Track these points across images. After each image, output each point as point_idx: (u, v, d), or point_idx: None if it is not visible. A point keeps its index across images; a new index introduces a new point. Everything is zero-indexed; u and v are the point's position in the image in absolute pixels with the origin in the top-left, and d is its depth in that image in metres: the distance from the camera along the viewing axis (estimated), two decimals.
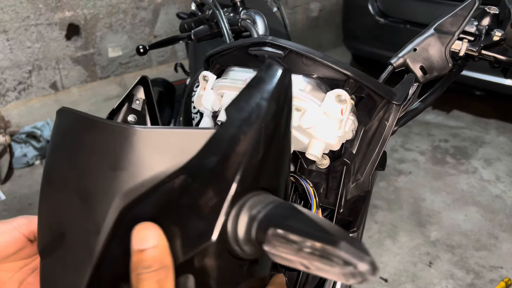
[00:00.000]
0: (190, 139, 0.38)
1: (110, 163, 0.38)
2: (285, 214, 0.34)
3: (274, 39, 0.55)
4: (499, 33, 0.66)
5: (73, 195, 0.40)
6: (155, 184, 0.38)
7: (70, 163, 0.41)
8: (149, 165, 0.38)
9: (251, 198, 0.37)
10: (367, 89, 0.56)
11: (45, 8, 2.62)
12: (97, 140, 0.40)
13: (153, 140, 0.38)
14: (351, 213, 0.61)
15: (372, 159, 0.60)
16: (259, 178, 0.38)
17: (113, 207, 0.38)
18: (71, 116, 0.43)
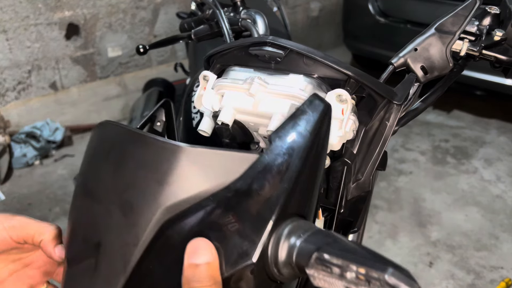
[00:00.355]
0: (235, 161, 0.40)
1: (157, 177, 0.40)
2: (327, 241, 0.36)
3: (275, 39, 0.55)
4: (500, 33, 0.65)
5: (114, 206, 0.41)
6: (199, 202, 0.39)
7: (114, 175, 0.42)
8: (194, 182, 0.40)
9: (291, 223, 0.39)
10: (368, 89, 0.56)
11: (45, 8, 2.62)
12: (146, 155, 0.41)
13: (200, 159, 0.40)
14: (352, 213, 0.61)
15: (372, 159, 0.60)
16: (297, 205, 0.41)
17: (155, 221, 0.39)
18: (116, 130, 0.44)
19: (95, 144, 0.46)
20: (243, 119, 0.56)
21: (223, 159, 0.40)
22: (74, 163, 2.61)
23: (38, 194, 2.35)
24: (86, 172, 0.46)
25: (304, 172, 0.41)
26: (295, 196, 0.40)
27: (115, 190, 0.42)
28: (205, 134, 0.60)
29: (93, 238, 0.42)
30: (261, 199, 0.39)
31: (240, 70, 0.58)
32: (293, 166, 0.40)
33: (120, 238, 0.40)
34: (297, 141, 0.41)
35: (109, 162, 0.44)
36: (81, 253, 0.43)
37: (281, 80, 0.54)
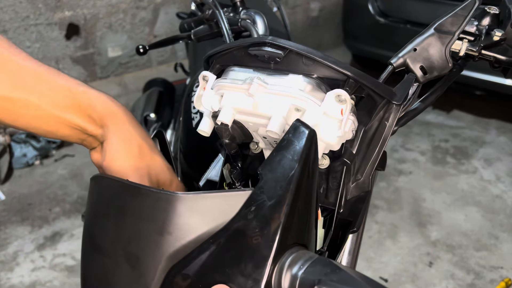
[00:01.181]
0: (229, 201, 0.42)
1: (157, 228, 0.42)
2: (326, 271, 0.37)
3: (274, 39, 0.55)
4: (499, 33, 0.65)
5: (121, 259, 0.43)
6: (200, 245, 0.41)
7: (116, 229, 0.44)
8: (193, 228, 0.41)
9: (290, 255, 0.40)
10: (367, 89, 0.56)
11: (45, 8, 2.62)
12: (143, 206, 0.43)
13: (195, 204, 0.42)
14: (351, 213, 0.61)
15: (372, 159, 0.60)
16: (295, 235, 0.42)
17: (161, 269, 0.41)
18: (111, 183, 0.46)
19: (95, 198, 0.48)
20: (243, 119, 0.56)
21: (217, 201, 0.42)
22: (74, 163, 2.62)
23: (38, 194, 2.35)
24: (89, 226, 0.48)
25: (298, 202, 0.42)
26: (292, 227, 0.41)
27: (119, 243, 0.43)
28: (205, 134, 0.60)
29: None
30: (258, 235, 0.40)
31: (239, 70, 0.58)
32: (285, 198, 0.40)
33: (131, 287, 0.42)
34: (286, 172, 0.42)
35: (110, 216, 0.45)
36: None
37: (280, 80, 0.54)
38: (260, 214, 0.40)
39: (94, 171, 1.93)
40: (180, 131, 1.20)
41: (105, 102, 0.55)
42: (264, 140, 0.58)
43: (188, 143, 1.11)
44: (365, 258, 1.94)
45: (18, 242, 2.04)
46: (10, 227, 2.12)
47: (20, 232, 2.10)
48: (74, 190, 2.38)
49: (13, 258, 1.96)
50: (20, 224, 2.14)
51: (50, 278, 1.86)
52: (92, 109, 0.54)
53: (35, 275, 1.88)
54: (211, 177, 0.70)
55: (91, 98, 0.54)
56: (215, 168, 0.71)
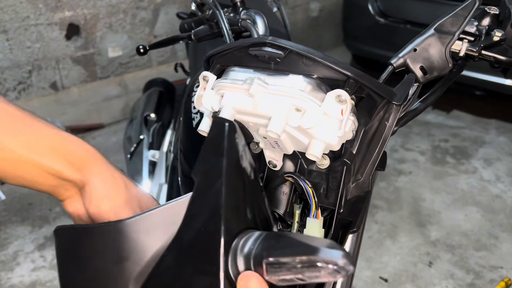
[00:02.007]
0: (173, 211, 0.43)
1: (113, 258, 0.43)
2: (272, 243, 0.39)
3: (274, 39, 0.55)
4: (499, 33, 0.65)
5: None
6: (158, 261, 0.42)
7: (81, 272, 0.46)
8: (146, 247, 0.43)
9: (240, 239, 0.41)
10: (367, 89, 0.56)
11: (45, 8, 2.62)
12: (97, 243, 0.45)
13: (142, 224, 0.43)
14: (351, 213, 0.61)
15: (372, 159, 0.60)
16: (241, 221, 0.43)
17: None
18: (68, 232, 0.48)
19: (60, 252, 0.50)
20: (243, 119, 0.56)
21: (161, 215, 0.44)
22: None
23: (39, 194, 2.35)
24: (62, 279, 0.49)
25: (233, 192, 0.43)
26: (236, 215, 0.42)
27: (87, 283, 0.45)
28: (205, 134, 0.60)
29: None
30: (204, 233, 0.41)
31: (239, 71, 0.58)
32: (220, 192, 0.42)
33: None
34: (213, 168, 0.43)
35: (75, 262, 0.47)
36: None
37: (280, 81, 0.54)
38: (202, 215, 0.42)
39: None
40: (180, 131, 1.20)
41: (83, 145, 0.53)
42: (264, 140, 0.58)
43: (188, 143, 1.11)
44: (365, 258, 1.94)
45: (19, 242, 2.04)
46: (10, 227, 2.12)
47: (20, 232, 2.10)
48: None
49: (13, 258, 1.96)
50: (21, 224, 2.15)
51: (50, 278, 1.86)
52: (70, 152, 0.52)
53: (36, 275, 1.88)
54: None
55: (68, 142, 0.52)
56: None
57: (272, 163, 0.61)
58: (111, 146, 2.82)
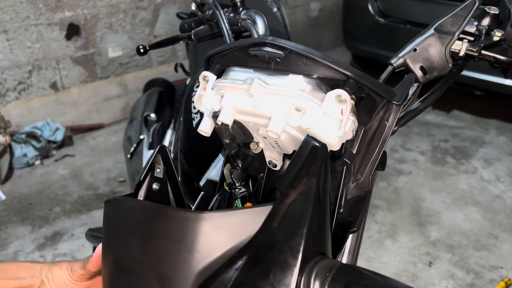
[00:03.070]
0: (252, 216, 0.44)
1: (186, 247, 0.44)
2: (352, 277, 0.40)
3: (274, 39, 0.55)
4: (499, 33, 0.65)
5: (152, 279, 0.44)
6: (227, 261, 0.43)
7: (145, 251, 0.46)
8: (219, 244, 0.43)
9: (315, 264, 0.42)
10: (367, 89, 0.56)
11: (45, 8, 2.62)
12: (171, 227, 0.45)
13: (221, 222, 0.44)
14: (351, 213, 0.61)
15: (372, 159, 0.60)
16: (316, 244, 0.44)
17: (191, 286, 0.43)
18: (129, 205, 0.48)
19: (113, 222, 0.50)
20: (243, 119, 0.56)
21: (241, 217, 0.44)
22: (74, 163, 2.62)
23: (39, 194, 2.35)
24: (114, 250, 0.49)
25: (316, 214, 0.44)
26: (313, 237, 0.43)
27: (149, 264, 0.45)
28: (205, 134, 0.60)
29: None
30: (283, 247, 0.42)
31: (240, 71, 0.58)
32: (307, 211, 0.43)
33: None
34: (303, 186, 0.45)
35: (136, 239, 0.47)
36: None
37: (280, 81, 0.54)
38: (283, 227, 0.42)
39: (94, 171, 1.93)
40: (180, 131, 1.20)
41: None
42: (264, 140, 0.58)
43: (188, 143, 1.11)
44: (365, 258, 1.94)
45: (19, 242, 2.04)
46: (10, 227, 2.12)
47: (20, 232, 2.10)
48: (74, 190, 2.38)
49: (13, 258, 1.96)
50: (21, 224, 2.15)
51: None
52: None
53: None
54: (212, 177, 0.70)
55: None
56: (216, 168, 0.71)
57: (272, 163, 0.61)
58: (111, 146, 2.82)
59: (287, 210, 0.43)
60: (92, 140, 2.88)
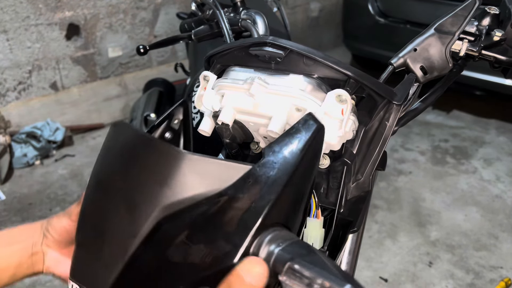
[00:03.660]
0: (229, 170, 0.44)
1: (158, 179, 0.44)
2: (301, 252, 0.40)
3: (275, 39, 0.55)
4: (500, 33, 0.65)
5: (120, 201, 0.46)
6: (193, 203, 0.44)
7: (123, 175, 0.47)
8: (190, 186, 0.44)
9: (272, 232, 0.43)
10: (367, 89, 0.56)
11: (45, 8, 2.62)
12: (151, 158, 0.46)
13: (198, 166, 0.45)
14: (352, 213, 0.61)
15: (372, 159, 0.60)
16: (281, 215, 0.45)
17: (153, 217, 0.44)
18: (128, 131, 0.49)
19: (110, 143, 0.51)
20: (243, 119, 0.56)
21: (218, 167, 0.45)
22: (74, 163, 2.62)
23: (39, 194, 2.35)
24: (99, 166, 0.51)
25: (290, 186, 0.45)
26: (280, 207, 0.44)
27: (123, 188, 0.46)
28: (206, 134, 0.60)
29: (101, 227, 0.47)
30: (247, 207, 0.43)
31: (240, 70, 0.58)
32: (280, 179, 0.44)
33: (122, 230, 0.45)
34: (287, 157, 0.45)
35: (120, 162, 0.48)
36: (89, 237, 0.49)
37: (281, 80, 0.54)
38: (254, 188, 0.43)
39: None
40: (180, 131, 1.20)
41: None
42: (264, 140, 0.58)
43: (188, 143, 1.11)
44: (365, 258, 1.94)
45: None
46: (10, 227, 2.12)
47: None
48: (74, 190, 2.38)
49: None
50: (20, 224, 2.14)
51: (50, 278, 1.86)
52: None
53: None
54: None
55: None
56: None
57: None
58: None
59: (264, 173, 0.44)
60: (92, 140, 2.88)
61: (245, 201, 0.43)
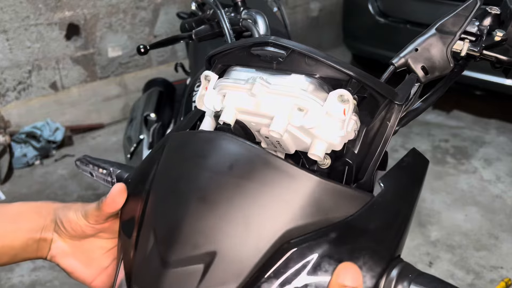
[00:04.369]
0: (352, 198, 0.45)
1: (284, 199, 0.44)
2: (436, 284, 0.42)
3: (277, 39, 0.55)
4: (501, 33, 0.65)
5: (237, 219, 0.43)
6: (317, 230, 0.43)
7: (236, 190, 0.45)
8: (315, 211, 0.44)
9: (400, 262, 0.44)
10: (369, 89, 0.56)
11: (45, 8, 2.62)
12: (273, 176, 0.45)
13: (323, 190, 0.44)
14: None
15: (374, 159, 0.60)
16: (401, 247, 0.47)
17: (277, 239, 0.42)
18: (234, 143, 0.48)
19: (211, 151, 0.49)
20: (245, 119, 0.56)
21: (342, 194, 0.45)
22: (74, 163, 2.61)
23: (38, 194, 2.35)
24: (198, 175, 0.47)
25: (410, 218, 0.47)
26: (403, 239, 0.46)
27: (239, 203, 0.44)
28: None
29: (206, 245, 0.43)
30: (375, 238, 0.43)
31: (241, 70, 0.58)
32: (404, 212, 0.46)
33: (240, 248, 0.43)
34: (405, 190, 0.48)
35: (231, 175, 0.46)
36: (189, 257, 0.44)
37: (283, 80, 0.54)
38: (380, 220, 0.44)
39: None
40: None
41: None
42: (266, 140, 0.58)
43: None
44: None
45: None
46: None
47: None
48: (74, 190, 2.38)
49: None
50: None
51: (50, 278, 1.86)
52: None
53: (35, 275, 1.88)
54: None
55: None
56: None
57: None
58: (111, 146, 2.81)
59: (387, 205, 0.45)
60: (92, 140, 2.88)
61: (371, 232, 0.43)
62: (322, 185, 0.45)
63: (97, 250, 0.60)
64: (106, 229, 0.58)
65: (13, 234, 0.55)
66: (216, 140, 0.49)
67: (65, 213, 0.57)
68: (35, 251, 0.57)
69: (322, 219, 0.43)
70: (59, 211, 0.57)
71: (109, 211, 0.55)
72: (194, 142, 0.50)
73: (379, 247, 0.44)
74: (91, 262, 0.59)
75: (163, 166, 0.51)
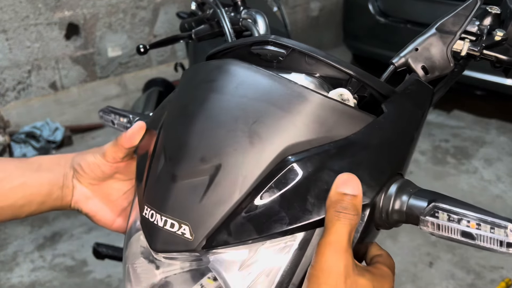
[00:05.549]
0: (354, 117, 0.47)
1: (287, 117, 0.45)
2: (437, 196, 0.44)
3: (277, 38, 0.55)
4: (501, 33, 0.65)
5: (242, 134, 0.45)
6: (320, 146, 0.45)
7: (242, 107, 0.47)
8: (318, 127, 0.45)
9: (398, 180, 0.46)
10: (369, 88, 0.56)
11: (45, 8, 2.62)
12: (278, 94, 0.46)
13: (327, 108, 0.46)
14: None
15: None
16: (402, 166, 0.48)
17: (279, 154, 0.44)
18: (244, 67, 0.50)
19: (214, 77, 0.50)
20: None
21: (346, 113, 0.46)
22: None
23: None
24: (206, 97, 0.49)
25: (414, 139, 0.49)
26: (406, 159, 0.48)
27: (244, 119, 0.46)
28: None
29: (212, 158, 0.45)
30: (377, 154, 0.45)
31: None
32: (407, 132, 0.49)
33: (243, 161, 0.44)
34: (408, 113, 0.50)
35: (237, 95, 0.48)
36: (196, 170, 0.46)
37: None
38: (382, 137, 0.46)
39: None
40: None
41: None
42: None
43: None
44: None
45: (18, 242, 2.04)
46: (9, 227, 2.12)
47: (19, 232, 2.09)
48: None
49: (12, 258, 1.96)
50: (20, 224, 2.14)
51: (50, 278, 1.86)
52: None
53: (35, 275, 1.88)
54: None
55: None
56: None
57: None
58: None
59: (389, 125, 0.46)
60: (91, 140, 2.87)
61: (374, 147, 0.45)
62: (325, 102, 0.46)
63: (115, 192, 0.62)
64: (122, 169, 0.60)
65: (38, 182, 0.57)
66: (224, 66, 0.51)
67: (83, 157, 0.59)
68: (60, 199, 0.59)
69: (324, 136, 0.45)
70: (77, 158, 0.59)
71: (127, 146, 0.56)
72: (204, 70, 0.52)
73: (380, 162, 0.45)
74: (111, 204, 0.61)
75: (176, 97, 0.54)
